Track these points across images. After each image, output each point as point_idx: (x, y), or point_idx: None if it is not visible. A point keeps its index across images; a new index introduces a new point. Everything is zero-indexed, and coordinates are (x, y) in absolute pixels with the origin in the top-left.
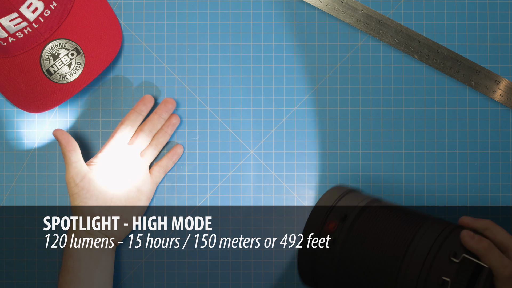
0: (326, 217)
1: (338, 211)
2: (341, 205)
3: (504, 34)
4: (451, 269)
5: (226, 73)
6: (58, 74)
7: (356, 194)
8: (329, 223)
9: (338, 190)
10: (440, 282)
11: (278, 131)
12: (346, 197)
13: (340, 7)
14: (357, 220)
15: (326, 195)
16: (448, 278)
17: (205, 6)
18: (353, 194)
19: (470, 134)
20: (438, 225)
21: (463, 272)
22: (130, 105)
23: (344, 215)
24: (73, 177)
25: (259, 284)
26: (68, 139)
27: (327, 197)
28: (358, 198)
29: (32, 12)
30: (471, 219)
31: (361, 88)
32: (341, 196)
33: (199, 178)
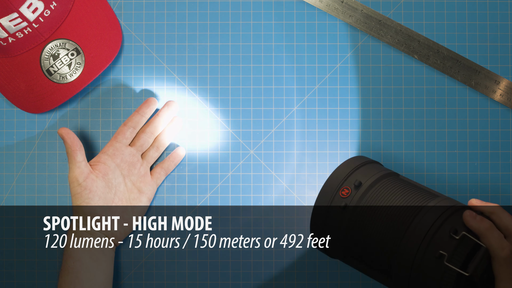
0: (342, 183)
1: (354, 178)
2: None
3: (504, 34)
4: (449, 244)
5: (226, 73)
6: (58, 74)
7: (376, 165)
8: (343, 189)
9: (359, 159)
10: (437, 255)
11: (278, 131)
12: (365, 167)
13: (340, 7)
14: (371, 189)
15: (347, 162)
16: (446, 252)
17: (205, 6)
18: (372, 165)
19: (470, 134)
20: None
21: (460, 248)
22: (130, 105)
23: (359, 182)
24: (77, 177)
25: (259, 284)
26: (74, 138)
27: (347, 164)
28: (376, 169)
29: (32, 12)
30: (480, 201)
31: (361, 88)
32: (361, 165)
33: (199, 178)
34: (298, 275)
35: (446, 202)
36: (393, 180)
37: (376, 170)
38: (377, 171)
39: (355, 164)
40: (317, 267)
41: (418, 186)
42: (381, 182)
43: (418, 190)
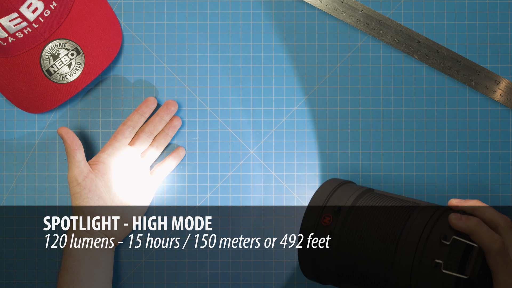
0: (321, 212)
1: (331, 205)
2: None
3: (504, 34)
4: (442, 251)
5: (226, 73)
6: (58, 74)
7: (349, 186)
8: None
9: (331, 184)
10: (434, 265)
11: (278, 131)
12: (339, 190)
13: (340, 7)
14: (351, 211)
15: (319, 190)
16: (441, 260)
17: (205, 6)
18: (345, 187)
19: (470, 134)
20: (428, 209)
21: (454, 253)
22: (130, 105)
23: (338, 208)
24: (76, 176)
25: (259, 284)
26: (73, 138)
27: (320, 192)
28: (350, 190)
29: (32, 12)
30: (459, 200)
31: (361, 88)
32: (334, 189)
33: (199, 178)
34: (298, 275)
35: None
36: (369, 197)
37: (351, 191)
38: (352, 191)
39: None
40: None
41: (396, 198)
42: (360, 202)
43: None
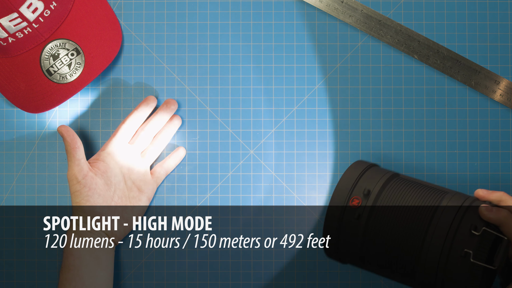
0: (350, 194)
1: (361, 187)
2: (363, 181)
3: (504, 34)
4: (472, 241)
5: (226, 73)
6: (58, 74)
7: (377, 169)
8: (353, 199)
9: (360, 165)
10: (463, 254)
11: (278, 131)
12: (368, 172)
13: (340, 7)
14: (380, 195)
15: (348, 171)
16: (470, 250)
17: (205, 6)
18: (373, 169)
19: (470, 134)
20: (457, 198)
21: (483, 244)
22: (130, 105)
23: (368, 191)
24: (76, 175)
25: (259, 284)
26: (73, 136)
27: (349, 173)
28: (379, 173)
29: (32, 12)
30: (485, 191)
31: (361, 88)
32: (363, 171)
33: (199, 178)
34: (298, 275)
35: (458, 197)
36: (398, 182)
37: (380, 174)
38: (381, 175)
39: (358, 172)
40: (317, 267)
41: (424, 185)
42: (388, 186)
43: (426, 188)
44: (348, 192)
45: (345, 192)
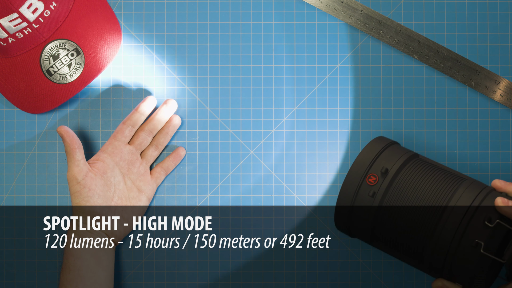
0: (367, 171)
1: (379, 165)
2: (382, 158)
3: (504, 34)
4: (484, 233)
5: (226, 74)
6: (58, 74)
7: (396, 147)
8: (370, 176)
9: (380, 142)
10: (474, 244)
11: (278, 132)
12: (388, 150)
13: (340, 7)
14: (397, 175)
15: (368, 146)
16: (482, 241)
17: (205, 7)
18: (393, 148)
19: (470, 134)
20: (474, 187)
21: (495, 236)
22: (130, 105)
23: (385, 169)
24: (75, 175)
25: (259, 284)
26: (73, 137)
27: (369, 149)
28: (398, 153)
29: (32, 12)
30: (503, 182)
31: (361, 88)
32: (384, 148)
33: (199, 179)
34: (298, 275)
35: (475, 186)
36: (417, 163)
37: (399, 153)
38: (400, 154)
39: (378, 149)
40: (317, 267)
41: (443, 169)
42: (406, 167)
43: (444, 173)
44: (366, 168)
45: (363, 168)
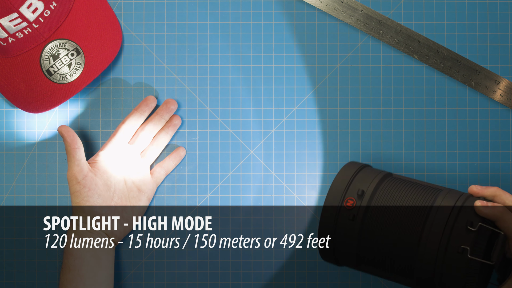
0: (344, 195)
1: (354, 188)
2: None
3: (504, 34)
4: (469, 237)
5: (226, 73)
6: (58, 74)
7: (369, 169)
8: (347, 200)
9: (352, 166)
10: (460, 250)
11: (278, 131)
12: (361, 173)
13: (340, 7)
14: (374, 195)
15: (341, 173)
16: (467, 246)
17: (205, 6)
18: (366, 170)
19: (470, 134)
20: (452, 195)
21: (480, 239)
22: (130, 105)
23: (362, 191)
24: (75, 175)
25: (259, 284)
26: (73, 136)
27: (342, 175)
28: (372, 174)
29: (32, 12)
30: (480, 187)
31: (361, 88)
32: (356, 172)
33: (199, 178)
34: (298, 275)
35: (452, 194)
36: (392, 181)
37: (373, 174)
38: (374, 175)
39: (351, 173)
40: (317, 267)
41: (418, 183)
42: (382, 186)
43: (420, 187)
44: (342, 193)
45: (339, 194)
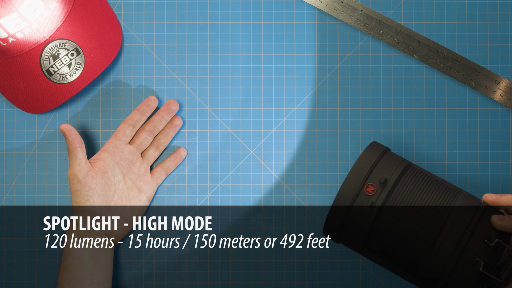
0: (365, 180)
1: (378, 174)
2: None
3: (504, 34)
4: (484, 251)
5: (226, 73)
6: (58, 74)
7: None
8: (368, 185)
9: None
10: (473, 263)
11: (278, 131)
12: (384, 158)
13: (340, 7)
14: (396, 186)
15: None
16: (481, 260)
17: (205, 6)
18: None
19: (470, 134)
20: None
21: (495, 256)
22: (130, 105)
23: (384, 179)
24: (76, 174)
25: (259, 284)
26: (75, 135)
27: (366, 156)
28: (395, 161)
29: (32, 12)
30: (494, 196)
31: (361, 88)
32: (380, 156)
33: (199, 178)
34: (298, 275)
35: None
36: (413, 173)
37: (396, 163)
38: (397, 164)
39: (375, 157)
40: (317, 267)
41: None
42: (404, 177)
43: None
44: (364, 176)
45: (361, 176)
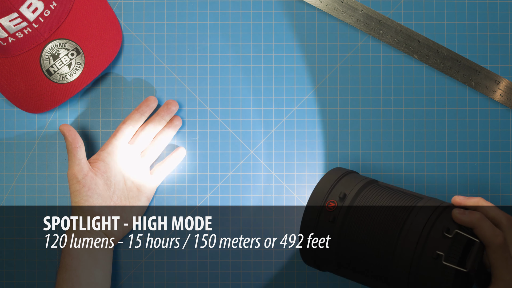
0: (326, 197)
1: (337, 191)
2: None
3: (504, 34)
4: (444, 243)
5: (226, 73)
6: (58, 74)
7: (354, 175)
8: (329, 202)
9: (336, 172)
10: (435, 256)
11: (278, 131)
12: (344, 178)
13: (340, 7)
14: (356, 198)
15: (326, 176)
16: (442, 252)
17: (205, 6)
18: (351, 176)
19: (470, 134)
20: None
21: (456, 246)
22: (130, 105)
23: (343, 194)
24: (76, 174)
25: (259, 284)
26: (75, 135)
27: (326, 179)
28: (355, 179)
29: (32, 12)
30: (463, 197)
31: (361, 88)
32: (340, 177)
33: (199, 178)
34: (298, 275)
35: (432, 202)
36: (375, 187)
37: (357, 180)
38: (358, 181)
39: (335, 177)
40: None
41: (400, 190)
42: (364, 191)
43: (402, 194)
44: (324, 195)
45: (321, 195)
